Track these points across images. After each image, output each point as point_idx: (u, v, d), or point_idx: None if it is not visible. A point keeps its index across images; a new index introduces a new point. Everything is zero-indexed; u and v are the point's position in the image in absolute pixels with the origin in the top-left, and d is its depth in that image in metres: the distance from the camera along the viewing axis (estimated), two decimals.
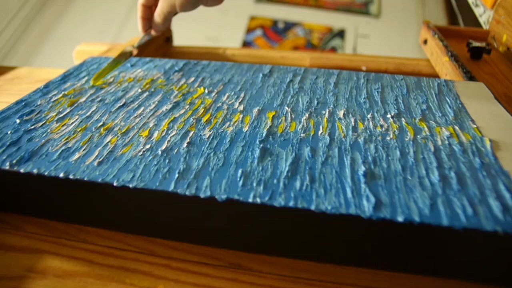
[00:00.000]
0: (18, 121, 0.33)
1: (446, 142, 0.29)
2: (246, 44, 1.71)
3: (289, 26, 1.80)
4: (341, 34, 1.77)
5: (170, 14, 0.40)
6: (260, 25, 1.80)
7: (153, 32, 0.44)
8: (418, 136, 0.30)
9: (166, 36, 0.66)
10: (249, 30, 1.78)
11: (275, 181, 0.25)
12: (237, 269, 0.27)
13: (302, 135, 0.30)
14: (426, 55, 0.63)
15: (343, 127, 0.31)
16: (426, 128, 0.31)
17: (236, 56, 0.63)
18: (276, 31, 1.77)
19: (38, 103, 0.36)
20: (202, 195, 0.24)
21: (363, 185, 0.25)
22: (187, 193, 0.24)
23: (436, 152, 0.28)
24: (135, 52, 0.44)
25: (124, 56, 0.43)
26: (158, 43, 0.64)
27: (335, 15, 1.85)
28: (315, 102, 0.35)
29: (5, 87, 0.52)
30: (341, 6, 1.87)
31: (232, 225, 0.26)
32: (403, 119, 0.33)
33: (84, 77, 0.42)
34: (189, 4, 0.39)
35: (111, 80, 0.41)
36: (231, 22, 1.82)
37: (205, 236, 0.28)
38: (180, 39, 0.70)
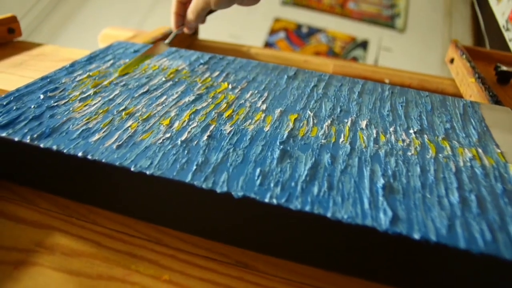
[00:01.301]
0: (42, 96, 0.34)
1: (468, 164, 0.29)
2: (268, 45, 1.71)
3: (312, 31, 1.79)
4: (364, 45, 1.75)
5: (204, 10, 0.40)
6: (283, 28, 1.80)
7: (185, 30, 0.44)
8: (440, 155, 0.30)
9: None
10: (272, 32, 1.78)
11: (293, 184, 0.25)
12: (244, 268, 0.27)
13: (323, 141, 0.30)
14: (448, 74, 0.62)
15: (365, 138, 0.31)
16: (448, 148, 0.31)
17: (259, 55, 0.63)
18: (299, 35, 1.77)
19: (63, 81, 0.37)
20: (218, 190, 0.24)
21: (381, 198, 0.25)
22: (204, 186, 0.24)
23: (457, 173, 0.28)
24: (166, 48, 0.44)
25: (155, 51, 0.43)
26: (183, 35, 0.64)
27: (360, 25, 1.84)
28: (338, 109, 0.35)
29: (30, 62, 0.52)
30: (367, 17, 1.86)
31: (244, 223, 0.26)
32: (425, 136, 0.32)
33: (109, 60, 0.42)
34: (224, 2, 0.38)
35: (142, 64, 0.41)
36: (255, 21, 1.82)
37: (214, 231, 0.28)
38: (203, 33, 0.70)
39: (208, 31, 0.78)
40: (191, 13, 0.41)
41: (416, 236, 0.22)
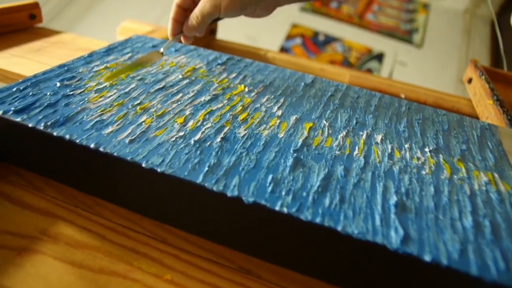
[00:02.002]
0: (58, 84, 0.34)
1: (484, 188, 0.28)
2: (283, 50, 1.71)
3: (329, 40, 1.79)
4: (379, 57, 1.75)
5: (211, 17, 0.36)
6: (300, 34, 1.80)
7: (182, 39, 0.40)
8: (455, 176, 0.29)
9: (211, 28, 0.66)
10: (289, 37, 1.78)
11: (304, 193, 0.25)
12: (247, 274, 0.27)
13: (337, 152, 0.30)
14: (463, 93, 0.61)
15: (379, 152, 0.30)
16: (463, 169, 0.30)
17: (276, 60, 0.63)
18: (316, 43, 1.76)
19: (80, 70, 0.37)
20: (229, 194, 0.24)
21: (393, 216, 0.24)
22: (215, 188, 0.24)
23: (472, 196, 0.27)
24: (160, 57, 0.39)
25: (149, 59, 0.39)
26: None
27: (377, 38, 1.83)
28: (354, 121, 0.34)
29: (49, 49, 0.52)
30: (385, 30, 1.86)
31: (250, 229, 0.26)
32: (441, 155, 0.32)
33: (127, 53, 0.42)
34: (235, 8, 0.35)
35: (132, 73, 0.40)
36: (272, 25, 1.82)
37: (220, 234, 0.27)
38: (220, 33, 0.70)
39: (224, 31, 0.78)
40: (194, 18, 0.36)
41: (427, 258, 0.22)
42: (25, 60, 0.48)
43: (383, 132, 0.34)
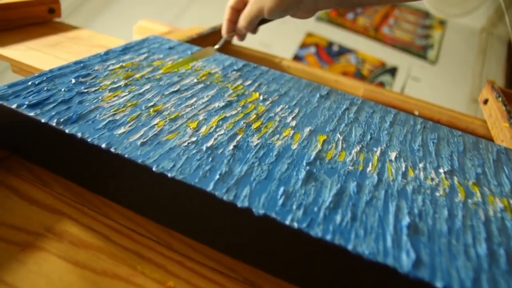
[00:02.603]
0: (73, 81, 0.34)
1: (499, 215, 0.28)
2: (297, 58, 1.71)
3: (343, 51, 1.79)
4: (392, 71, 1.74)
5: (257, 18, 0.39)
6: (315, 43, 1.80)
7: (236, 37, 0.44)
8: (469, 200, 0.28)
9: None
10: (303, 46, 1.78)
11: (315, 209, 0.24)
12: (251, 286, 0.26)
13: (350, 167, 0.29)
14: (475, 113, 0.60)
15: (393, 170, 0.30)
16: (478, 194, 0.29)
17: (291, 68, 0.63)
18: (329, 53, 1.76)
19: (96, 68, 0.37)
20: (239, 204, 0.23)
21: (405, 237, 0.24)
22: (225, 198, 0.24)
23: (487, 223, 0.26)
24: (215, 53, 0.43)
25: (204, 54, 0.42)
26: (218, 38, 0.64)
27: (391, 51, 1.83)
28: (368, 136, 0.34)
29: (65, 44, 0.52)
30: (399, 44, 1.85)
31: (257, 241, 0.25)
32: (455, 177, 0.31)
33: (144, 53, 0.42)
34: (278, 10, 0.38)
35: (170, 63, 0.40)
36: (287, 33, 1.82)
37: (226, 243, 0.27)
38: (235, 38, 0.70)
39: None
40: (243, 19, 0.40)
41: (439, 284, 0.21)
42: (42, 54, 0.48)
43: (397, 149, 0.33)
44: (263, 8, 0.38)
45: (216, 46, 0.42)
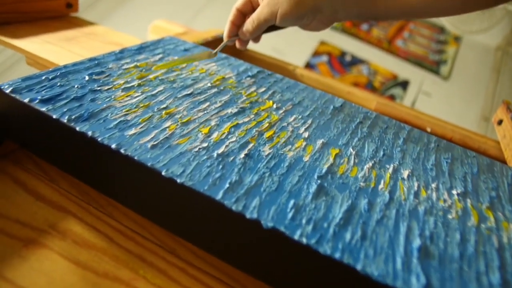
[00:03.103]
0: (87, 78, 0.33)
1: None
2: (309, 66, 1.71)
3: (355, 61, 1.78)
4: (404, 84, 1.73)
5: (266, 23, 0.36)
6: (327, 52, 1.79)
7: (237, 43, 0.40)
8: (483, 225, 0.28)
9: None
10: (316, 54, 1.78)
11: (325, 224, 0.24)
12: None
13: (362, 183, 0.28)
14: (485, 131, 0.59)
15: (405, 189, 0.29)
16: (492, 219, 0.29)
17: (304, 77, 0.62)
18: (342, 63, 1.75)
19: (110, 66, 0.36)
20: (248, 215, 0.23)
21: (415, 260, 0.23)
22: (234, 208, 0.23)
23: (500, 250, 0.26)
24: (213, 56, 0.40)
25: (200, 57, 0.40)
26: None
27: (404, 65, 1.82)
28: (381, 153, 0.33)
29: (81, 39, 0.52)
30: (413, 58, 1.84)
31: (264, 253, 0.25)
32: (469, 200, 0.30)
33: (159, 53, 0.41)
34: (292, 17, 0.34)
35: (185, 65, 0.40)
36: (300, 40, 1.82)
37: (230, 253, 0.26)
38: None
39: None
40: (250, 23, 0.37)
41: None
42: (57, 48, 0.48)
43: (410, 168, 0.32)
44: (276, 12, 0.35)
45: (215, 50, 0.40)
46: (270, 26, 0.37)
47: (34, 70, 0.49)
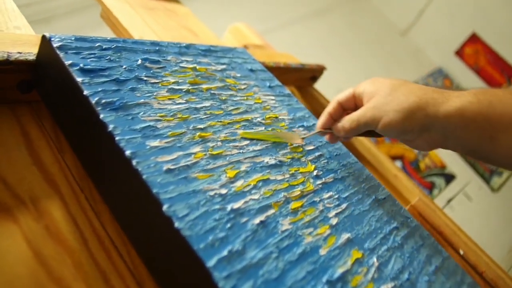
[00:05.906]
0: (139, 61, 0.31)
1: None
2: None
3: None
4: (449, 177, 1.65)
5: (366, 127, 0.32)
6: None
7: (326, 137, 0.36)
8: None
9: (313, 74, 0.62)
10: None
11: None
12: None
13: None
14: (507, 264, 0.53)
15: None
16: None
17: (357, 140, 0.58)
18: None
19: (169, 58, 0.34)
20: None
21: None
22: (221, 285, 0.19)
23: None
24: (301, 142, 0.34)
25: (289, 139, 0.34)
26: (302, 76, 0.60)
27: (457, 159, 1.73)
28: (406, 275, 0.29)
29: (159, 13, 0.51)
30: (469, 157, 1.75)
31: None
32: None
33: (223, 64, 0.38)
34: (397, 129, 0.30)
35: (243, 87, 0.37)
36: None
37: None
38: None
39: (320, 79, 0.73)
40: (348, 122, 0.33)
41: None
42: (134, 13, 0.46)
43: None
44: (379, 119, 0.31)
45: (303, 136, 0.34)
46: (369, 130, 0.33)
47: (102, 24, 0.48)
